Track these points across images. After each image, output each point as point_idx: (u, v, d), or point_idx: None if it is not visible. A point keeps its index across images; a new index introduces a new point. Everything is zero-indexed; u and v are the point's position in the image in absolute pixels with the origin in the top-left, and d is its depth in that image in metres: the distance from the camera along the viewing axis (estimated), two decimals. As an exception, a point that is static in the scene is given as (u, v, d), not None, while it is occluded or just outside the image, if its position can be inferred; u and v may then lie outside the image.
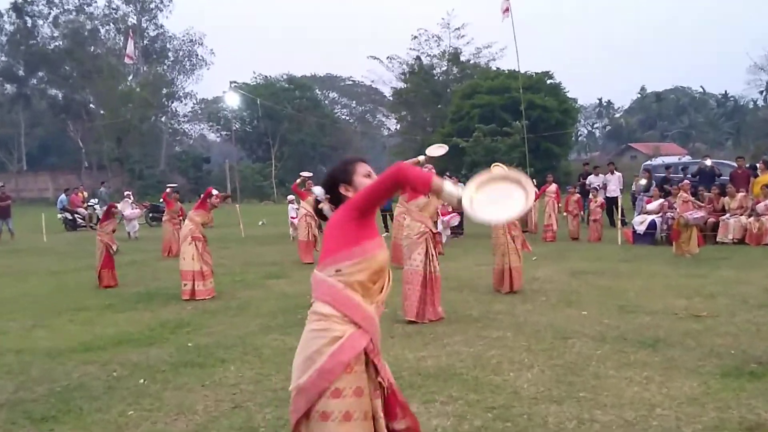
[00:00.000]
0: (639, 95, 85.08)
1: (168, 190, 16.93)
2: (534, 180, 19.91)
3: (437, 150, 9.05)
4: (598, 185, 18.97)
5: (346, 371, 2.46)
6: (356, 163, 2.76)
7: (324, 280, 2.56)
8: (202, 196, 10.10)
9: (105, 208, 21.12)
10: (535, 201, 14.05)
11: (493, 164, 8.13)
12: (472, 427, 4.32)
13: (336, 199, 2.72)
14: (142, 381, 5.57)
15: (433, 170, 7.83)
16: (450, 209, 17.02)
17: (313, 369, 2.49)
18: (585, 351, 6.11)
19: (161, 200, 25.58)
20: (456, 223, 17.26)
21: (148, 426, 4.55)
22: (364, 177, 2.70)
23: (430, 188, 2.38)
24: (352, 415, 2.44)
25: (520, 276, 9.44)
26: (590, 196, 17.55)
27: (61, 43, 57.80)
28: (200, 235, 9.74)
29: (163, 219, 16.90)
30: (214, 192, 10.03)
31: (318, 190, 2.80)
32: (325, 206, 2.75)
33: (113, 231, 11.32)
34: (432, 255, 7.77)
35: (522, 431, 4.24)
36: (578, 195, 17.58)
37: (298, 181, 14.23)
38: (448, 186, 2.40)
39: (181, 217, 15.46)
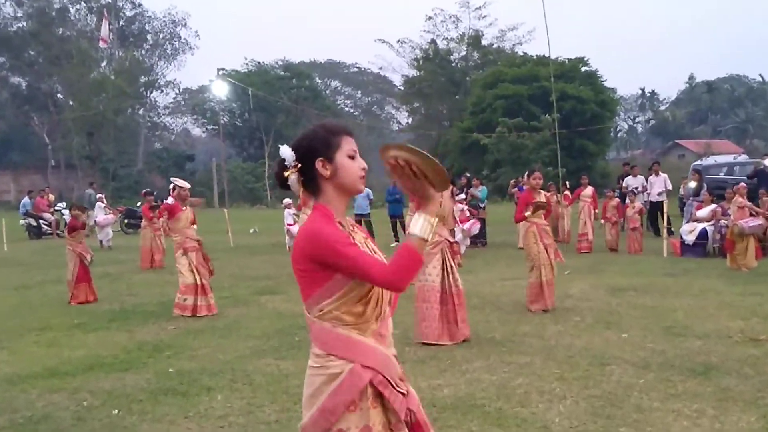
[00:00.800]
0: (687, 85, 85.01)
1: (148, 198, 17.10)
2: (567, 183, 19.98)
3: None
4: (636, 188, 18.92)
5: (350, 410, 2.46)
6: (342, 136, 2.59)
7: (312, 322, 2.56)
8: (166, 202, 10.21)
9: (99, 217, 21.29)
10: (568, 206, 14.05)
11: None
12: (496, 467, 4.31)
13: (308, 172, 2.57)
14: (116, 412, 5.58)
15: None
16: (468, 215, 17.04)
17: (315, 408, 2.51)
18: (626, 380, 6.08)
19: (138, 205, 25.72)
20: (476, 232, 17.26)
21: (123, 463, 4.56)
22: (348, 157, 2.56)
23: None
24: None
25: (553, 292, 9.45)
26: (627, 200, 17.49)
27: (24, 24, 58.25)
28: (193, 244, 9.87)
29: (142, 225, 16.99)
30: (180, 183, 10.16)
31: (287, 153, 2.59)
32: (293, 176, 2.58)
33: (85, 236, 11.36)
34: (450, 267, 7.78)
35: (553, 472, 4.22)
36: (617, 200, 17.54)
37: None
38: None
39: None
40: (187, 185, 10.23)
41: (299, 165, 2.57)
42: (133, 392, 6.10)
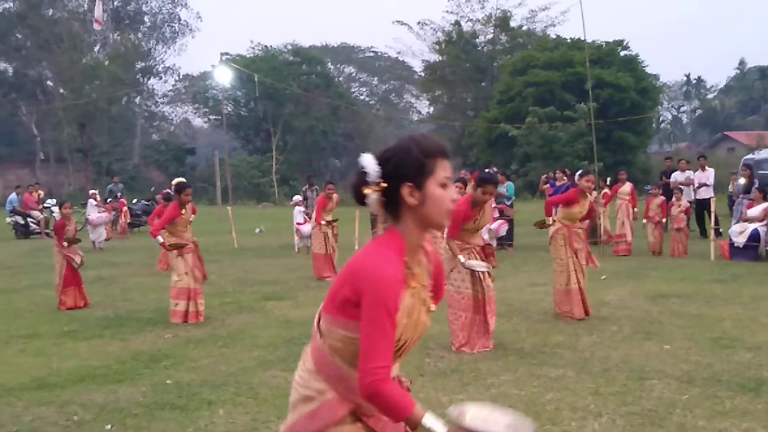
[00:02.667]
0: (737, 71, 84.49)
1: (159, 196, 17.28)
2: (608, 179, 19.86)
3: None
4: (683, 184, 18.85)
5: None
6: (437, 159, 2.43)
7: (315, 333, 2.57)
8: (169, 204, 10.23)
9: (92, 215, 21.48)
10: (605, 205, 13.98)
11: None
12: (523, 491, 4.29)
13: (391, 195, 2.43)
14: (108, 427, 5.62)
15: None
16: (497, 215, 17.00)
17: (284, 426, 2.59)
18: (668, 395, 6.06)
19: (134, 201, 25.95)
20: (504, 233, 17.24)
21: (116, 483, 4.59)
22: (439, 186, 2.42)
23: (404, 420, 2.35)
24: None
25: (587, 300, 9.46)
26: (673, 198, 17.37)
27: (11, 5, 58.72)
28: (189, 246, 9.94)
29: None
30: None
31: (371, 167, 2.43)
32: (374, 196, 2.43)
33: (75, 238, 11.42)
34: (481, 274, 7.82)
35: (586, 496, 4.21)
36: (662, 198, 17.43)
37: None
38: (430, 421, 2.32)
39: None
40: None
41: (383, 184, 2.42)
42: (128, 406, 6.14)
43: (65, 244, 11.04)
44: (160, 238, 9.96)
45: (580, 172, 9.94)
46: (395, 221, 2.48)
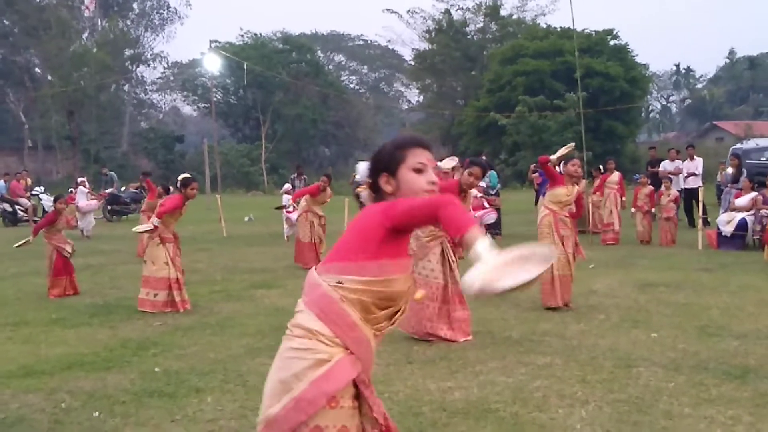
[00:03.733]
0: (727, 61, 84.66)
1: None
2: (600, 167, 19.84)
3: (448, 162, 9.37)
4: (671, 173, 18.90)
5: (330, 406, 2.46)
6: (409, 149, 2.70)
7: (319, 285, 2.57)
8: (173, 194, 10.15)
9: (81, 203, 21.39)
10: (593, 193, 13.98)
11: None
12: (510, 477, 4.33)
13: (375, 189, 2.73)
14: (96, 414, 5.61)
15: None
16: (485, 203, 17.00)
17: (288, 397, 2.49)
18: (654, 383, 6.09)
19: (138, 188, 25.83)
20: (492, 221, 17.21)
21: (104, 470, 4.59)
22: (413, 171, 2.65)
23: (461, 236, 2.37)
24: None
25: (569, 287, 9.41)
26: (662, 187, 17.42)
27: (-2, -10, 58.29)
28: (171, 236, 9.89)
29: (142, 209, 17.10)
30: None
31: (361, 169, 2.84)
32: (364, 193, 2.77)
33: (69, 224, 11.38)
34: (452, 263, 7.79)
35: (573, 483, 4.24)
36: (650, 187, 17.49)
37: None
38: (481, 246, 2.34)
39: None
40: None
41: (370, 182, 2.72)
42: (116, 393, 6.13)
43: (31, 239, 11.07)
44: (154, 221, 9.87)
45: (564, 159, 9.96)
46: None
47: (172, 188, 16.02)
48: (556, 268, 9.27)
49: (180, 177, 10.21)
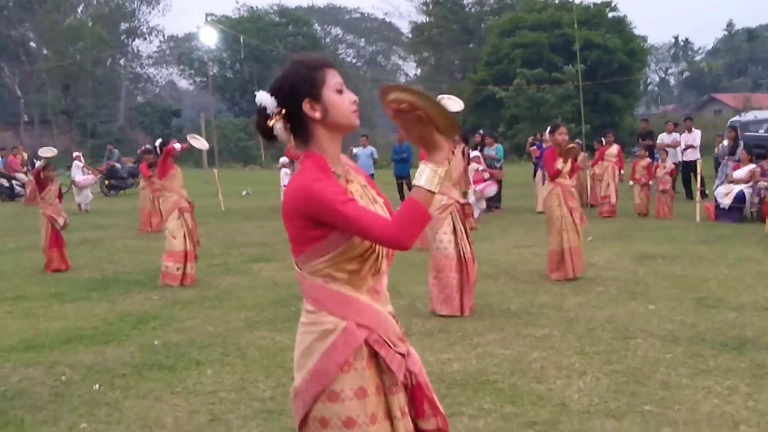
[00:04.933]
0: (725, 33, 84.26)
1: (146, 156, 16.99)
2: (602, 140, 19.79)
3: (452, 104, 8.89)
4: (668, 146, 18.87)
5: (343, 371, 2.48)
6: (325, 70, 2.54)
7: (303, 278, 2.57)
8: (161, 158, 10.16)
9: (77, 177, 21.32)
10: (592, 166, 13.96)
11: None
12: (509, 447, 4.36)
13: (295, 117, 2.52)
14: (96, 387, 5.65)
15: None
16: (485, 176, 17.00)
17: (305, 371, 2.53)
18: (652, 354, 6.13)
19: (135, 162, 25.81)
20: (492, 194, 17.26)
21: (104, 442, 4.63)
22: (336, 92, 2.53)
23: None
24: (355, 421, 2.47)
25: (581, 258, 9.48)
26: (659, 160, 17.42)
27: (-7, -36, 57.86)
28: (187, 205, 9.93)
29: (141, 185, 17.05)
30: (177, 146, 10.18)
31: (267, 100, 2.55)
32: (279, 125, 2.53)
33: (60, 198, 11.37)
34: (462, 231, 7.78)
35: (571, 453, 4.28)
36: (648, 159, 17.47)
37: None
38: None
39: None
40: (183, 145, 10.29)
41: (283, 110, 2.52)
42: (115, 366, 6.16)
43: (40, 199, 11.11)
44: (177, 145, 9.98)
45: (550, 128, 9.93)
46: (306, 144, 2.56)
47: (150, 147, 16.03)
48: (565, 240, 9.31)
49: (157, 143, 10.31)
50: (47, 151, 12.35)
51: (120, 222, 17.87)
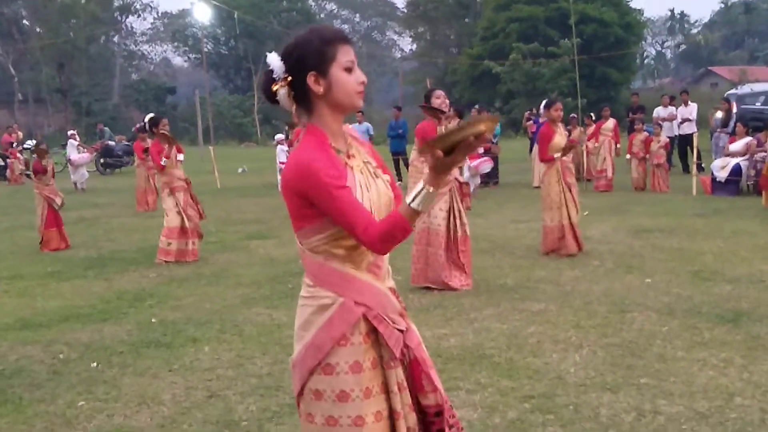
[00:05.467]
0: (722, 5, 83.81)
1: (141, 134, 16.91)
2: (592, 115, 19.77)
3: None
4: (664, 119, 18.85)
5: (340, 344, 2.49)
6: (337, 46, 2.48)
7: (303, 252, 2.57)
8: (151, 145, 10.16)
9: (73, 156, 21.26)
10: (588, 140, 13.95)
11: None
12: (505, 420, 4.39)
13: (299, 87, 2.48)
14: (94, 365, 5.66)
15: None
16: (480, 152, 16.97)
17: (302, 343, 2.55)
18: (648, 327, 6.15)
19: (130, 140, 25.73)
20: (488, 170, 17.23)
21: (102, 419, 4.65)
22: (344, 70, 2.47)
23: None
24: (348, 395, 2.48)
25: (580, 233, 9.55)
26: (653, 134, 17.41)
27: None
28: (181, 184, 9.93)
29: (136, 164, 17.03)
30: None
31: (276, 63, 2.51)
32: (283, 91, 2.50)
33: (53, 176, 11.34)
34: (459, 211, 7.79)
35: (567, 425, 4.30)
36: (646, 133, 17.45)
37: None
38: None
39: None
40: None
41: (289, 78, 2.49)
42: (113, 344, 6.18)
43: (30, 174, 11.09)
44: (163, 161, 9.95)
45: (545, 103, 9.89)
46: (308, 115, 2.53)
47: (140, 125, 15.98)
48: (565, 217, 9.33)
49: (146, 118, 10.25)
50: None
51: (116, 200, 17.86)
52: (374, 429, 2.51)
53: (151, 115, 10.33)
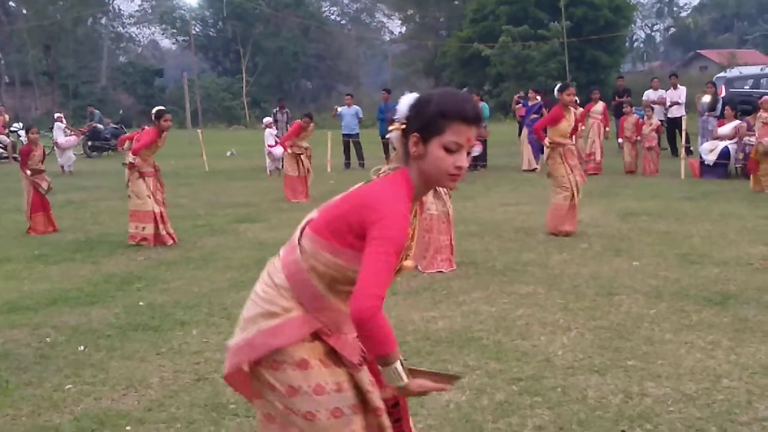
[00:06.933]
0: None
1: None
2: (577, 99, 19.78)
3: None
4: (654, 103, 18.87)
5: (301, 368, 2.51)
6: (452, 122, 2.40)
7: (295, 248, 2.55)
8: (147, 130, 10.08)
9: (60, 139, 21.11)
10: (578, 123, 13.93)
11: None
12: (493, 403, 4.40)
13: (406, 138, 2.47)
14: (82, 348, 5.65)
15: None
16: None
17: (242, 336, 2.60)
18: (636, 310, 6.18)
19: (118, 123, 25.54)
20: (477, 153, 17.23)
21: (90, 402, 4.63)
22: (444, 149, 2.40)
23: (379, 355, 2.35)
24: (323, 388, 2.51)
25: (576, 215, 9.66)
26: (644, 117, 17.45)
27: None
28: (151, 170, 9.86)
29: (124, 147, 16.90)
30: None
31: (402, 108, 2.49)
32: (394, 135, 2.51)
33: (41, 163, 11.27)
34: (445, 193, 7.82)
35: (555, 407, 4.32)
36: (636, 116, 17.48)
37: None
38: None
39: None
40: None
41: (404, 126, 2.48)
42: (101, 327, 6.16)
43: (29, 172, 10.94)
44: (130, 158, 9.85)
45: (559, 86, 9.92)
46: (405, 163, 2.50)
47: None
48: (574, 196, 9.41)
49: (153, 110, 10.17)
50: None
51: (103, 183, 17.77)
52: (330, 425, 2.53)
53: (160, 107, 10.25)
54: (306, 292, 2.51)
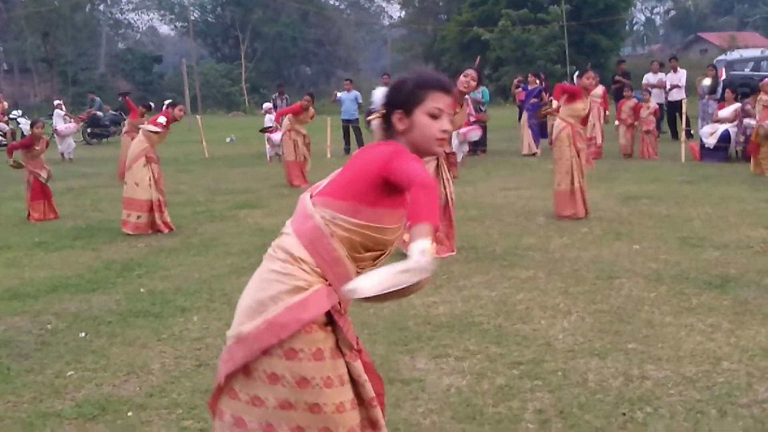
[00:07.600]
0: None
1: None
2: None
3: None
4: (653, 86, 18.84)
5: (305, 330, 2.50)
6: (429, 91, 2.60)
7: (311, 216, 2.55)
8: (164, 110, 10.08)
9: (59, 126, 21.07)
10: (604, 109, 13.92)
11: None
12: (494, 387, 4.41)
13: (387, 121, 2.64)
14: (83, 335, 5.66)
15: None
16: (471, 119, 16.91)
17: (262, 318, 2.53)
18: (636, 293, 6.18)
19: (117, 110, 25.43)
20: (476, 138, 17.17)
21: (91, 388, 4.65)
22: (428, 115, 2.57)
23: (413, 224, 2.30)
24: (309, 382, 2.50)
25: (587, 198, 9.67)
26: (642, 100, 17.39)
27: None
28: (155, 156, 9.87)
29: (123, 131, 16.88)
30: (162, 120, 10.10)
31: (377, 97, 2.73)
32: (375, 122, 2.70)
33: (42, 151, 11.26)
34: (447, 179, 7.79)
35: (555, 390, 4.33)
36: (635, 100, 17.44)
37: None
38: (418, 246, 2.26)
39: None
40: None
41: (383, 112, 2.63)
42: (101, 314, 6.17)
43: (11, 161, 10.97)
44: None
45: (578, 73, 10.00)
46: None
47: (152, 104, 15.88)
48: (576, 180, 9.40)
49: (167, 101, 10.29)
50: None
51: (103, 170, 17.75)
52: (333, 419, 2.54)
53: (171, 101, 10.35)
54: (328, 256, 2.54)
